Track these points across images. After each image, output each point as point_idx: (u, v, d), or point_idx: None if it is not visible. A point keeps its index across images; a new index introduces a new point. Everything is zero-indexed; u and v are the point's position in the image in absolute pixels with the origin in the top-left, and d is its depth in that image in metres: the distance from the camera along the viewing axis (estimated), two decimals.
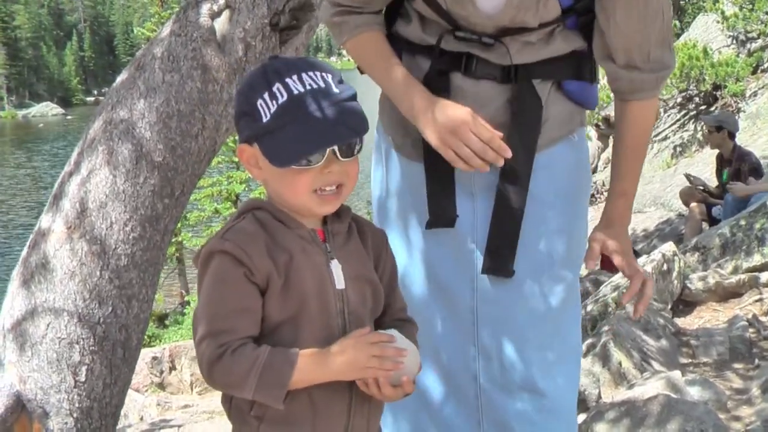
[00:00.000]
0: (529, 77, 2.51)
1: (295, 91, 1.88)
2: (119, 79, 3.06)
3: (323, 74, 1.93)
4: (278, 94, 1.87)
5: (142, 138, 2.88)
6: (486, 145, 2.38)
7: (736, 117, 12.83)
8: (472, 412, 2.61)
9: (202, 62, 2.93)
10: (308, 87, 1.89)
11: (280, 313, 1.94)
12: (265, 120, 1.87)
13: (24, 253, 2.96)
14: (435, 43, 2.50)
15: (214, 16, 2.99)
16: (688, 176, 10.29)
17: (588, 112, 2.77)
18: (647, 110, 2.65)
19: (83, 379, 2.86)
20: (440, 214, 2.55)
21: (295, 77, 1.89)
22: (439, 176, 2.53)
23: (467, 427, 2.61)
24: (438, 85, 2.50)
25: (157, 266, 3.01)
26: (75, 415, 2.86)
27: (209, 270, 1.92)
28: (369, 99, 2.38)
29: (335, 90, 1.93)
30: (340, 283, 2.01)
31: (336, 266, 2.01)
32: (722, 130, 9.64)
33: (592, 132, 17.66)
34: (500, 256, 2.51)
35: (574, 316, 2.71)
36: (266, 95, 1.87)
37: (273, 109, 1.87)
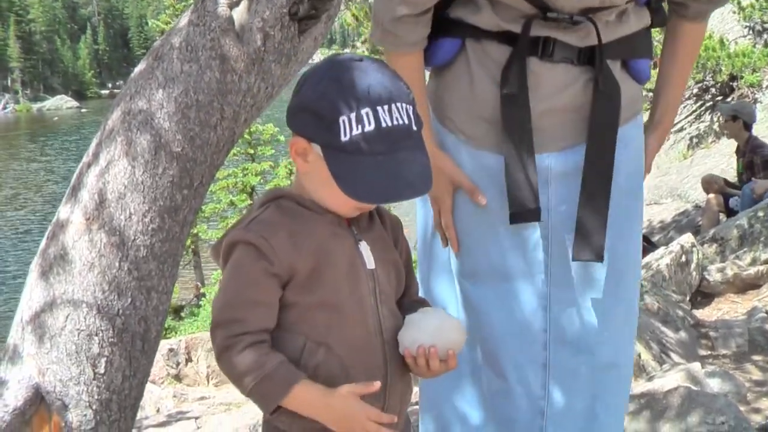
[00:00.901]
0: (604, 58, 2.51)
1: (383, 125, 1.88)
2: (137, 69, 3.04)
3: (407, 107, 1.93)
4: (365, 121, 1.87)
5: (161, 128, 2.87)
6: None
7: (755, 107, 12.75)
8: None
9: (221, 52, 2.90)
10: (395, 123, 1.90)
11: (308, 296, 1.97)
12: (343, 138, 1.87)
13: (42, 244, 2.95)
14: (518, 28, 2.47)
15: (233, 5, 2.97)
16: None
17: None
18: (701, 33, 2.80)
19: (102, 371, 2.85)
20: (524, 206, 2.50)
21: (386, 108, 1.89)
22: (521, 166, 2.49)
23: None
24: (515, 71, 2.48)
25: (176, 258, 2.99)
26: (94, 407, 2.85)
27: (230, 260, 1.95)
28: None
29: (414, 128, 1.94)
30: (370, 263, 2.06)
31: (365, 247, 2.06)
32: (738, 120, 9.59)
33: None
34: (592, 241, 2.49)
35: (635, 295, 2.76)
36: (353, 116, 1.87)
37: (356, 132, 1.87)
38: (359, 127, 1.86)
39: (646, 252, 7.83)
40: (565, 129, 2.56)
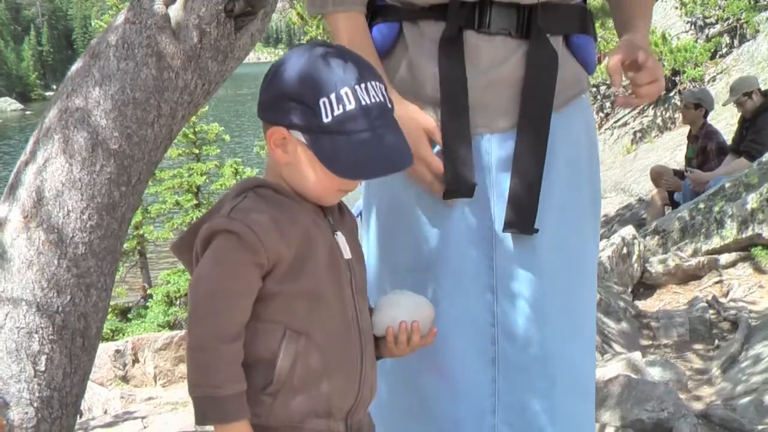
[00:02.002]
0: (544, 31, 2.46)
1: (363, 103, 1.90)
2: (74, 67, 3.04)
3: (380, 85, 1.96)
4: (346, 100, 1.88)
5: (98, 126, 2.87)
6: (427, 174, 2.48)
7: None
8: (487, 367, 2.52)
9: (157, 49, 2.92)
10: (373, 100, 1.92)
11: (290, 284, 1.95)
12: (326, 120, 1.88)
13: None
14: None
15: (169, 3, 2.98)
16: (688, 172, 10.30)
17: None
18: None
19: (43, 369, 2.85)
20: (458, 182, 2.44)
21: (363, 86, 1.91)
22: (457, 142, 2.45)
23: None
24: (453, 47, 2.44)
25: (115, 254, 3.00)
26: (35, 404, 2.84)
27: (211, 248, 1.91)
28: None
29: (389, 105, 1.97)
30: (347, 253, 2.08)
31: (341, 238, 2.07)
32: (700, 108, 9.70)
33: None
34: (522, 211, 2.43)
35: (590, 290, 2.69)
36: (333, 96, 1.88)
37: (337, 112, 1.88)
38: (340, 107, 1.87)
39: None
40: (508, 107, 2.48)
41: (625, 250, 7.28)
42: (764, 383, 4.89)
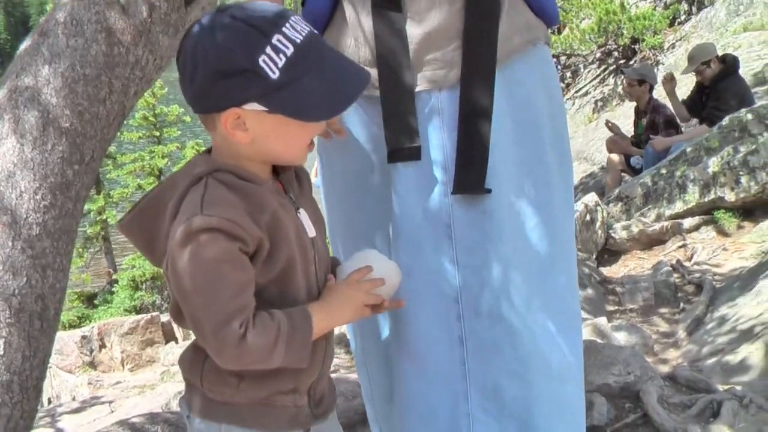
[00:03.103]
0: None
1: (298, 41, 1.81)
2: (23, 46, 2.99)
3: (296, 17, 1.86)
4: (282, 47, 1.79)
5: (49, 104, 2.82)
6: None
7: (655, 70, 12.96)
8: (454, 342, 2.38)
9: (107, 25, 2.87)
10: (304, 34, 1.83)
11: (267, 274, 1.90)
12: (274, 76, 1.78)
13: None
14: None
15: None
16: (607, 123, 10.40)
17: None
18: None
19: (1, 353, 2.80)
20: (401, 143, 2.33)
21: (288, 26, 1.81)
22: (398, 99, 2.33)
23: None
24: (387, 1, 2.31)
25: (71, 234, 2.95)
26: None
27: (198, 251, 1.80)
28: None
29: (315, 31, 1.88)
30: (311, 231, 2.02)
31: (303, 215, 2.01)
32: (644, 84, 9.75)
33: None
34: (471, 171, 2.28)
35: (560, 259, 2.48)
36: (268, 50, 1.77)
37: (281, 63, 1.78)
38: (281, 56, 1.78)
39: None
40: (453, 60, 2.32)
41: (588, 217, 7.29)
42: (729, 344, 4.92)
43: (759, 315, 5.03)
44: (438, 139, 2.34)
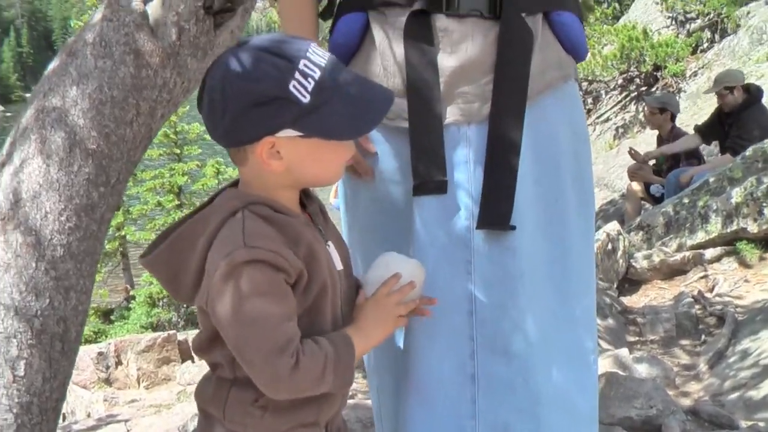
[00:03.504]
0: (517, 9, 2.30)
1: (322, 64, 1.84)
2: (51, 66, 2.99)
3: (314, 44, 1.89)
4: (309, 71, 1.81)
5: (76, 125, 2.82)
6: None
7: (677, 97, 12.93)
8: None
9: (135, 47, 2.86)
10: (326, 58, 1.86)
11: (303, 304, 1.91)
12: (305, 100, 1.80)
13: None
14: None
15: (147, 0, 2.93)
16: (630, 150, 10.35)
17: None
18: None
19: (22, 374, 2.79)
20: (427, 177, 2.29)
21: (310, 52, 1.84)
22: (426, 132, 2.30)
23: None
24: (419, 30, 2.30)
25: (95, 256, 2.94)
26: (15, 410, 2.79)
27: (244, 284, 1.80)
28: None
29: (335, 56, 1.92)
30: (338, 264, 2.02)
31: (332, 248, 2.01)
32: (665, 112, 9.71)
33: None
34: (497, 207, 2.25)
35: (574, 295, 2.46)
36: (297, 75, 1.80)
37: (311, 86, 1.80)
38: (309, 80, 1.80)
39: None
40: (485, 94, 2.31)
41: (609, 246, 7.26)
42: (752, 378, 4.87)
43: None
44: (465, 174, 2.32)
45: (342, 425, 2.16)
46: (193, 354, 2.17)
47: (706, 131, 9.40)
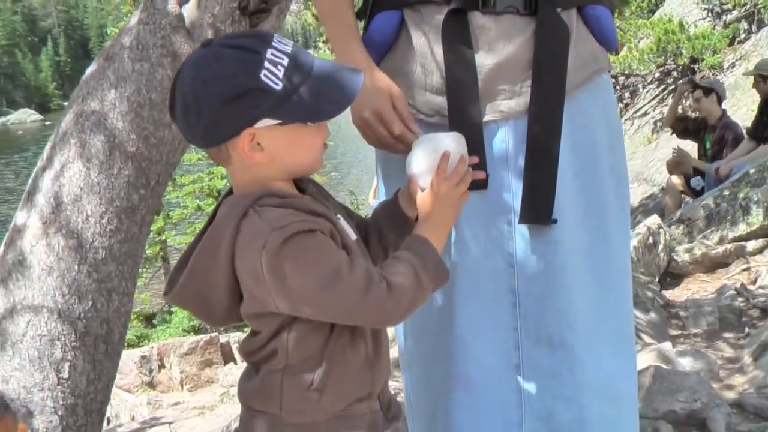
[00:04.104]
0: (552, 5, 2.30)
1: (289, 50, 1.86)
2: (89, 70, 3.02)
3: (276, 34, 1.92)
4: (277, 59, 1.83)
5: (115, 129, 2.84)
6: (396, 141, 2.28)
7: None
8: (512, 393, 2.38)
9: (172, 50, 2.89)
10: (291, 47, 1.88)
11: None
12: (278, 87, 1.82)
13: (0, 251, 2.91)
14: None
15: (182, 2, 2.95)
16: (675, 150, 10.18)
17: None
18: None
19: (66, 376, 2.82)
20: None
21: (275, 40, 1.87)
22: (464, 131, 2.24)
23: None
24: (456, 29, 2.29)
25: (136, 258, 2.97)
26: (60, 412, 2.82)
27: (295, 261, 1.81)
28: None
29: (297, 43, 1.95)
30: (352, 234, 2.04)
31: (342, 221, 2.02)
32: (711, 93, 9.53)
33: None
34: (537, 200, 2.28)
35: (615, 284, 2.48)
36: (266, 64, 1.82)
37: (281, 73, 1.82)
38: (279, 67, 1.82)
39: None
40: (522, 90, 2.32)
41: (650, 240, 7.21)
42: None
43: None
44: (505, 170, 2.34)
45: (392, 398, 2.16)
46: (239, 356, 2.14)
47: (754, 134, 9.23)
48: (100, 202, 2.83)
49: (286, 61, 1.84)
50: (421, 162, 2.10)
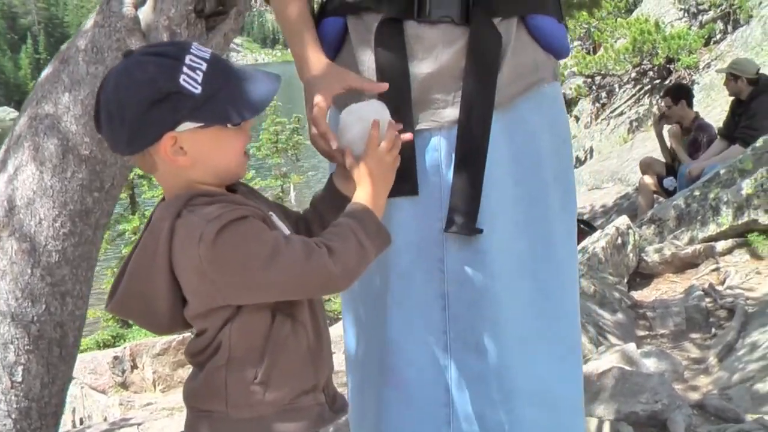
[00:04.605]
0: (488, 15, 2.29)
1: (208, 57, 1.90)
2: (44, 73, 3.01)
3: (196, 43, 1.97)
4: (196, 64, 1.87)
5: (68, 132, 2.84)
6: (319, 138, 2.25)
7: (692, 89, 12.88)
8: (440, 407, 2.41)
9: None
10: (210, 52, 1.93)
11: None
12: (197, 91, 1.85)
13: None
14: None
15: (138, 5, 2.95)
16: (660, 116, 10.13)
17: None
18: None
19: (20, 380, 2.82)
20: (399, 180, 2.25)
21: (193, 48, 1.91)
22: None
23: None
24: (390, 37, 2.30)
25: (91, 261, 2.96)
26: (13, 416, 2.81)
27: (232, 246, 1.83)
28: None
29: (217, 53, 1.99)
30: (285, 230, 2.05)
31: (275, 217, 2.05)
32: (680, 100, 9.60)
33: None
34: (463, 211, 2.29)
35: (559, 290, 2.49)
36: (185, 69, 1.85)
37: (200, 78, 1.86)
38: (197, 72, 1.86)
39: (585, 236, 7.89)
40: (455, 100, 2.31)
41: (619, 240, 7.23)
42: (760, 371, 4.85)
43: None
44: (437, 178, 2.35)
45: (337, 391, 2.18)
46: (189, 361, 2.13)
47: (726, 133, 9.28)
48: (53, 205, 2.82)
49: (204, 66, 1.87)
50: (352, 130, 2.16)
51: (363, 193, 2.08)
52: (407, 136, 2.21)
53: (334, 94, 2.29)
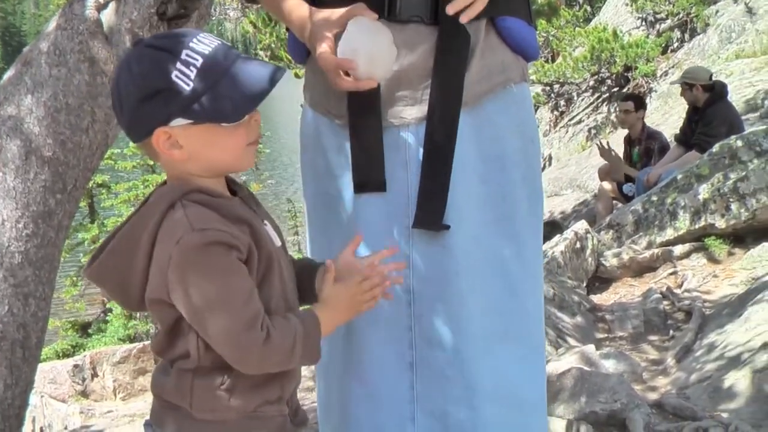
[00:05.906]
0: (458, 14, 2.27)
1: (206, 52, 1.88)
2: (6, 75, 3.02)
3: (208, 34, 1.94)
4: (191, 60, 1.85)
5: (31, 133, 2.85)
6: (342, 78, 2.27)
7: (648, 98, 13.00)
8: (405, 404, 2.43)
9: (89, 55, 2.90)
10: (213, 46, 1.90)
11: (255, 280, 1.95)
12: (188, 88, 1.84)
13: None
14: None
15: (101, 8, 2.96)
16: (599, 145, 10.25)
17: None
18: None
19: None
20: (367, 176, 2.35)
21: (195, 40, 1.89)
22: (366, 132, 2.35)
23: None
24: None
25: (53, 263, 2.97)
26: None
27: (203, 267, 1.85)
28: None
29: (228, 43, 1.95)
30: (277, 240, 2.07)
31: (268, 227, 2.06)
32: (640, 110, 9.72)
33: None
34: (429, 207, 2.31)
35: (525, 289, 2.51)
36: (179, 65, 1.84)
37: (193, 74, 1.84)
38: (191, 68, 1.85)
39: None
40: (423, 98, 2.34)
41: (578, 245, 7.30)
42: (717, 371, 4.91)
43: (747, 342, 5.01)
44: (403, 174, 2.38)
45: (299, 405, 2.20)
46: (156, 356, 2.14)
47: (683, 139, 9.38)
48: (16, 206, 2.83)
49: (199, 62, 1.85)
50: (363, 40, 2.20)
51: (325, 308, 2.07)
52: (394, 248, 2.27)
53: (334, 34, 2.29)
